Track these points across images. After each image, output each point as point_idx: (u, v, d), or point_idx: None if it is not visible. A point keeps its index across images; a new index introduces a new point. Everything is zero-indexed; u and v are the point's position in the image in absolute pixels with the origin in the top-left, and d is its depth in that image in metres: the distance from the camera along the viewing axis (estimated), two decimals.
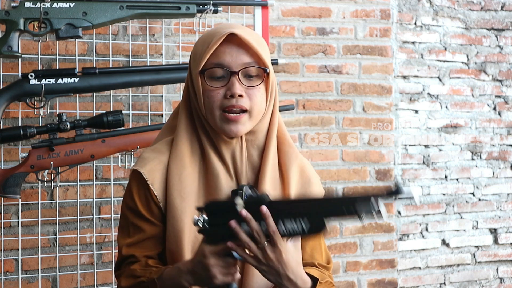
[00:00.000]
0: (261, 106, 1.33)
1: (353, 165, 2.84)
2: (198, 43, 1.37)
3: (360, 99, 2.85)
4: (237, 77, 1.30)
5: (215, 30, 1.35)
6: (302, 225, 1.21)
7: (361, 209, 1.17)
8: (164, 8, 2.13)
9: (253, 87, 1.32)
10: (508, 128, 3.13)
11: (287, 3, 2.75)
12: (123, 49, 2.41)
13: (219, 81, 1.32)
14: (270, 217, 1.19)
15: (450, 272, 3.04)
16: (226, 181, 1.34)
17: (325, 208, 1.21)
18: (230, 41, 1.31)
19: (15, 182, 1.99)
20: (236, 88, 1.30)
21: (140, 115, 2.42)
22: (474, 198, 3.07)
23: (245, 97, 1.31)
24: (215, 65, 1.31)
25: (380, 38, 2.87)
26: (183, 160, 1.34)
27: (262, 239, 1.19)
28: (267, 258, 1.20)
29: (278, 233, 1.19)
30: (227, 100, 1.30)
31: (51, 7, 2.02)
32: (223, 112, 1.31)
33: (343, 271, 2.82)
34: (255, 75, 1.33)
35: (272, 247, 1.20)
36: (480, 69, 3.08)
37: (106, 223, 2.41)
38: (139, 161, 1.38)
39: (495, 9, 3.09)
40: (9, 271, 2.29)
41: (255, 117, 1.33)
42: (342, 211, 1.19)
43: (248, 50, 1.31)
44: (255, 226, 1.20)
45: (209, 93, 1.32)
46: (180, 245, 1.31)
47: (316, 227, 1.20)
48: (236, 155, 1.35)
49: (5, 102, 2.00)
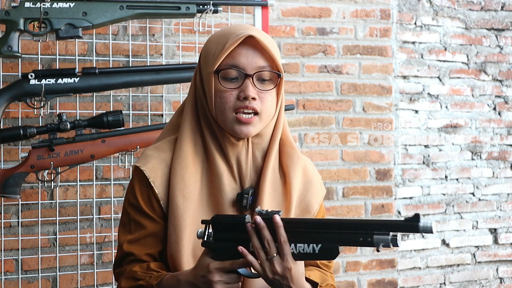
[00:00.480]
0: (271, 110, 1.34)
1: (353, 165, 2.84)
2: (210, 42, 1.36)
3: (360, 99, 2.85)
4: (251, 80, 1.31)
5: (229, 31, 1.34)
6: (314, 249, 1.20)
7: (378, 242, 1.15)
8: (164, 8, 2.13)
9: (265, 91, 1.32)
10: (508, 128, 3.13)
11: (287, 3, 2.74)
12: (123, 49, 2.41)
13: (232, 82, 1.32)
14: (282, 227, 1.19)
15: (450, 272, 3.04)
16: (229, 182, 1.34)
17: (341, 236, 1.19)
18: (247, 43, 1.31)
19: (15, 182, 1.99)
20: (250, 91, 1.30)
21: (140, 115, 2.42)
22: (474, 198, 3.07)
23: (257, 100, 1.31)
24: (230, 66, 1.31)
25: (380, 38, 2.87)
26: (186, 159, 1.34)
27: (273, 250, 1.19)
28: (274, 271, 1.20)
29: (288, 245, 1.19)
30: (240, 102, 1.30)
31: (51, 7, 2.01)
32: (235, 114, 1.31)
33: (343, 271, 2.82)
34: (268, 79, 1.33)
35: (280, 260, 1.20)
36: (480, 69, 3.08)
37: (106, 223, 2.41)
38: (141, 158, 1.38)
39: (495, 9, 3.09)
40: (9, 271, 2.29)
41: (265, 120, 1.34)
42: (358, 241, 1.17)
43: (263, 54, 1.32)
44: (267, 236, 1.19)
45: (222, 94, 1.31)
46: (180, 245, 1.31)
47: (329, 253, 1.19)
48: (242, 158, 1.35)
49: (5, 102, 2.00)
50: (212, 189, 1.35)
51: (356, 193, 2.83)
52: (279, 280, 1.20)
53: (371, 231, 1.16)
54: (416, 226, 1.12)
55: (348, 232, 1.18)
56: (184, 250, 1.31)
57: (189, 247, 1.32)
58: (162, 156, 1.36)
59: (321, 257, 1.21)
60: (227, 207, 1.34)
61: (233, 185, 1.35)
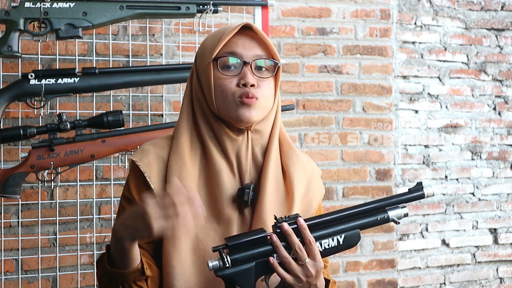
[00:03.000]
0: (269, 99, 1.35)
1: (353, 165, 2.84)
2: (207, 39, 1.38)
3: (360, 99, 2.85)
4: (250, 67, 1.32)
5: (225, 26, 1.37)
6: (339, 241, 1.24)
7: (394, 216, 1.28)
8: (164, 8, 2.13)
9: (264, 79, 1.33)
10: (508, 128, 3.13)
11: (287, 3, 2.74)
12: (123, 49, 2.41)
13: (231, 70, 1.33)
14: (307, 228, 1.20)
15: (450, 272, 3.04)
16: (228, 178, 1.33)
17: (360, 222, 1.26)
18: (243, 33, 1.33)
19: (15, 182, 1.99)
20: (249, 78, 1.31)
21: (140, 115, 2.42)
22: (474, 198, 3.07)
23: (256, 87, 1.32)
24: (228, 54, 1.32)
25: (380, 38, 2.87)
26: (183, 156, 1.34)
27: (305, 254, 1.20)
28: (308, 274, 1.21)
29: (316, 245, 1.21)
30: (240, 89, 1.31)
31: (51, 7, 2.01)
32: (238, 98, 1.31)
33: (343, 271, 2.82)
34: (265, 68, 1.34)
35: (312, 262, 1.21)
36: (480, 69, 3.08)
37: (106, 223, 2.41)
38: (138, 152, 1.37)
39: (495, 9, 3.09)
40: (9, 271, 2.29)
41: (264, 109, 1.34)
42: (376, 221, 1.27)
43: (260, 43, 1.34)
44: (296, 241, 1.20)
45: (222, 82, 1.32)
46: (177, 244, 1.30)
47: (352, 241, 1.24)
48: (242, 153, 1.35)
49: (5, 102, 2.00)
50: (210, 187, 1.34)
51: (356, 193, 2.83)
52: (310, 281, 1.22)
53: (384, 208, 1.28)
54: (422, 194, 1.31)
55: (365, 215, 1.27)
56: (181, 247, 1.30)
57: (187, 244, 1.31)
58: (158, 152, 1.36)
59: (344, 247, 1.25)
60: (227, 203, 1.33)
61: (233, 181, 1.34)
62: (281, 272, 1.21)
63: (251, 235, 1.22)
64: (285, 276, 1.21)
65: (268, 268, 1.21)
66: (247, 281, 1.19)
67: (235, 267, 1.19)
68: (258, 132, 1.37)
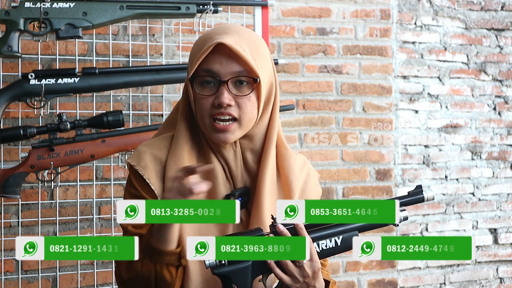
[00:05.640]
0: (251, 114, 1.31)
1: (353, 165, 2.84)
2: (194, 46, 1.35)
3: (360, 99, 2.85)
4: (226, 86, 1.27)
5: (208, 35, 1.31)
6: (336, 242, 1.24)
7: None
8: (164, 8, 2.13)
9: (243, 96, 1.29)
10: (508, 128, 3.13)
11: (287, 3, 2.74)
12: (123, 49, 2.41)
13: (209, 87, 1.29)
14: (303, 228, 1.21)
15: (450, 272, 3.04)
16: (223, 182, 1.34)
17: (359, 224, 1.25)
18: (220, 49, 1.27)
19: (15, 182, 1.99)
20: (224, 98, 1.27)
21: (140, 115, 2.42)
22: (474, 198, 3.07)
23: (234, 105, 1.28)
24: (204, 72, 1.29)
25: (380, 38, 2.87)
26: (182, 158, 1.34)
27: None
28: (305, 274, 1.21)
29: (313, 246, 1.21)
30: (216, 108, 1.28)
31: (51, 7, 2.02)
32: (212, 121, 1.29)
33: (343, 271, 2.82)
34: (245, 83, 1.29)
35: (310, 263, 1.21)
36: (480, 69, 3.08)
37: (106, 223, 2.41)
38: (134, 155, 1.36)
39: (495, 9, 3.09)
40: (9, 271, 2.29)
41: (245, 125, 1.31)
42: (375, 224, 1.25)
43: (238, 60, 1.27)
44: None
45: (199, 101, 1.30)
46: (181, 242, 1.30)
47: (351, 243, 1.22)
48: (230, 160, 1.34)
49: (5, 102, 2.00)
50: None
51: (356, 193, 2.83)
52: (308, 282, 1.22)
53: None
54: (421, 197, 1.32)
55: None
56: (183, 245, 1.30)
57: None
58: (155, 153, 1.35)
59: (342, 249, 1.25)
60: None
61: (227, 185, 1.35)
62: (278, 272, 1.21)
63: (248, 234, 1.23)
64: (282, 277, 1.21)
65: (265, 268, 1.22)
66: (243, 280, 1.20)
67: (232, 265, 1.19)
68: (248, 137, 1.35)
